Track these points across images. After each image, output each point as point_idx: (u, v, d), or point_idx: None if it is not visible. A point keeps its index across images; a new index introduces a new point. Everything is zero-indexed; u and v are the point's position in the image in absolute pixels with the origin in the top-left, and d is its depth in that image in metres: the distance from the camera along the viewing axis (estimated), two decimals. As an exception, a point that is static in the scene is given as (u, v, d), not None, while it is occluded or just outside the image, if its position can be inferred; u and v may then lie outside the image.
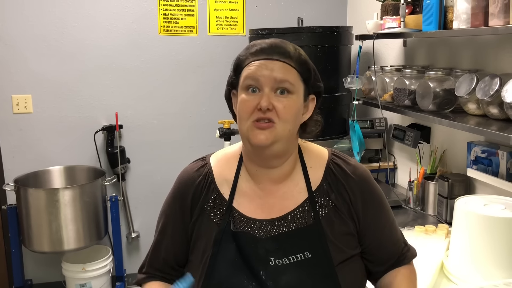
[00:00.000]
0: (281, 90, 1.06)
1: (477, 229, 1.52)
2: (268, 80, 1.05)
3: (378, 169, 2.76)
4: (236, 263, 1.09)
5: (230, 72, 1.15)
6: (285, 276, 1.07)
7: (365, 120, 2.69)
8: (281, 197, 1.15)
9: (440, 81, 2.00)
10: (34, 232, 2.72)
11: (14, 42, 2.92)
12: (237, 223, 1.12)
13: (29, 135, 3.02)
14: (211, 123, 3.09)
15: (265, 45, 1.10)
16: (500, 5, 1.58)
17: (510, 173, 1.85)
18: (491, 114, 1.77)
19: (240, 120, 1.09)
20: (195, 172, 1.19)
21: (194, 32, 3.15)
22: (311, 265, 1.08)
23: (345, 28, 2.74)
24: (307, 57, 1.13)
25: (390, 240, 1.21)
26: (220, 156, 1.22)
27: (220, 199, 1.15)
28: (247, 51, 1.11)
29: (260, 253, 1.09)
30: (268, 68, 1.06)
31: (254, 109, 1.05)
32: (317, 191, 1.15)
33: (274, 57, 1.07)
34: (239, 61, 1.12)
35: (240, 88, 1.10)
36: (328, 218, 1.12)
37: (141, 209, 3.25)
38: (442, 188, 2.14)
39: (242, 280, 1.07)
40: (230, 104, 1.18)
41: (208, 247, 1.12)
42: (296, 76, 1.08)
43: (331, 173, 1.16)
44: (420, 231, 1.94)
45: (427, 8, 1.97)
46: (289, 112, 1.06)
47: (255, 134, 1.06)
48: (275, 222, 1.12)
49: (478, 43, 2.05)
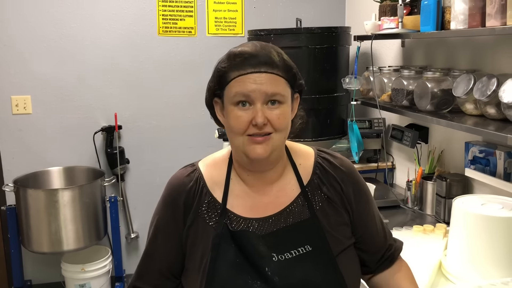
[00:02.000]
0: (272, 102, 1.06)
1: (475, 228, 1.52)
2: (259, 95, 1.04)
3: (377, 169, 2.77)
4: (237, 264, 1.08)
5: (210, 81, 1.13)
6: (290, 271, 1.07)
7: (364, 121, 2.70)
8: (274, 196, 1.16)
9: (438, 82, 2.00)
10: (34, 233, 2.72)
11: (13, 43, 2.93)
12: (234, 224, 1.12)
13: (29, 136, 3.03)
14: (210, 123, 3.03)
15: (247, 54, 1.06)
16: (497, 6, 1.58)
17: (507, 173, 1.86)
18: (489, 114, 1.78)
19: (233, 135, 1.08)
20: (185, 177, 1.17)
21: (193, 33, 3.16)
22: (312, 257, 1.09)
23: (343, 28, 2.75)
24: (289, 60, 1.11)
25: (380, 228, 1.24)
26: (209, 162, 1.21)
27: (214, 203, 1.14)
28: (230, 63, 1.07)
29: (262, 249, 1.09)
30: (257, 82, 1.04)
31: (248, 124, 1.05)
32: (308, 185, 1.16)
33: (262, 69, 1.04)
34: (221, 73, 1.08)
35: (228, 102, 1.08)
36: (323, 210, 1.14)
37: (140, 210, 3.26)
38: (440, 188, 2.15)
39: (246, 280, 1.07)
40: (212, 111, 1.17)
41: (206, 251, 1.11)
42: (285, 85, 1.08)
43: (320, 167, 1.18)
44: (418, 231, 1.94)
45: (425, 9, 1.98)
46: (283, 121, 1.07)
47: (252, 149, 1.06)
48: (271, 218, 1.13)
49: (475, 43, 2.06)
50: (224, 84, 1.08)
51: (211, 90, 1.13)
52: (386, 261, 1.23)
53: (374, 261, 1.22)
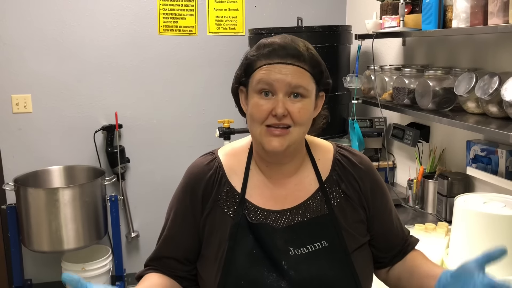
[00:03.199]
0: (295, 94, 1.06)
1: (477, 226, 1.52)
2: (282, 85, 1.05)
3: (378, 168, 2.75)
4: (254, 255, 1.09)
5: (238, 69, 1.14)
6: (306, 265, 1.08)
7: (365, 119, 2.69)
8: (292, 189, 1.16)
9: (439, 80, 2.00)
10: (34, 232, 2.72)
11: (13, 42, 2.92)
12: (251, 214, 1.13)
13: (29, 134, 3.02)
14: (210, 122, 3.10)
15: (276, 45, 1.07)
16: (499, 4, 1.58)
17: (509, 171, 1.85)
18: (490, 113, 1.78)
19: (252, 123, 1.09)
20: (205, 166, 1.18)
21: (193, 32, 3.16)
22: (328, 253, 1.10)
23: (345, 27, 2.74)
24: (318, 56, 1.11)
25: (396, 226, 1.24)
26: (228, 151, 1.22)
27: (233, 192, 1.15)
28: (258, 52, 1.09)
29: (279, 243, 1.09)
30: (282, 73, 1.05)
31: (268, 113, 1.06)
32: (327, 181, 1.17)
33: (288, 61, 1.06)
34: (249, 61, 1.10)
35: (252, 90, 1.09)
36: (340, 206, 1.15)
37: (140, 209, 3.26)
38: (442, 187, 2.14)
39: (261, 271, 1.07)
40: (237, 99, 1.18)
41: (223, 240, 1.11)
42: (310, 80, 1.08)
43: (339, 164, 1.19)
44: (420, 229, 1.94)
45: (427, 7, 1.98)
46: (303, 116, 1.07)
47: (269, 141, 1.07)
48: (289, 212, 1.13)
49: (477, 42, 2.05)
50: (251, 72, 1.09)
51: (238, 78, 1.15)
52: (401, 253, 1.23)
53: (389, 257, 1.22)
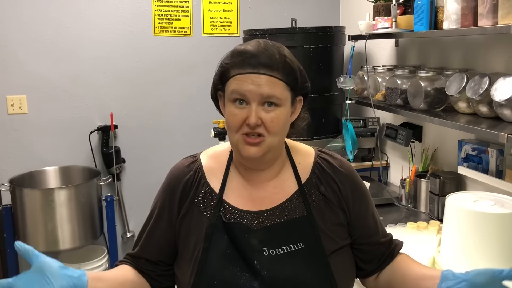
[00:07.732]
0: (268, 103, 1.06)
1: (468, 225, 1.55)
2: (255, 95, 1.05)
3: (371, 168, 2.79)
4: (228, 255, 1.10)
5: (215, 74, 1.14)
6: (279, 266, 1.08)
7: (358, 120, 2.72)
8: (271, 191, 1.17)
9: (431, 81, 2.03)
10: (30, 232, 2.72)
11: (8, 43, 2.92)
12: (228, 215, 1.14)
13: (24, 135, 3.02)
14: (205, 123, 3.11)
15: (249, 54, 1.07)
16: (488, 6, 1.61)
17: (499, 170, 1.88)
18: (481, 113, 1.81)
19: (229, 130, 1.11)
20: (185, 167, 1.21)
21: (188, 33, 3.17)
22: (304, 255, 1.10)
23: (338, 28, 2.77)
24: (293, 62, 1.11)
25: (378, 229, 1.23)
26: (210, 153, 1.24)
27: (211, 193, 1.16)
28: (232, 60, 1.08)
29: (254, 243, 1.10)
30: (255, 83, 1.05)
31: (242, 122, 1.06)
32: (306, 183, 1.17)
33: (261, 71, 1.05)
34: (224, 69, 1.10)
35: (227, 98, 1.10)
36: (319, 209, 1.15)
37: (136, 209, 3.26)
38: (434, 186, 2.17)
39: (235, 271, 1.08)
40: (217, 103, 1.19)
41: (199, 241, 1.13)
42: (284, 88, 1.08)
43: (319, 167, 1.19)
44: (412, 228, 1.97)
45: (418, 9, 2.00)
46: (277, 124, 1.07)
47: (245, 148, 1.08)
48: (266, 213, 1.14)
49: (468, 43, 2.08)
50: (225, 80, 1.10)
51: (214, 84, 1.15)
52: (388, 258, 1.22)
53: (376, 262, 1.22)
